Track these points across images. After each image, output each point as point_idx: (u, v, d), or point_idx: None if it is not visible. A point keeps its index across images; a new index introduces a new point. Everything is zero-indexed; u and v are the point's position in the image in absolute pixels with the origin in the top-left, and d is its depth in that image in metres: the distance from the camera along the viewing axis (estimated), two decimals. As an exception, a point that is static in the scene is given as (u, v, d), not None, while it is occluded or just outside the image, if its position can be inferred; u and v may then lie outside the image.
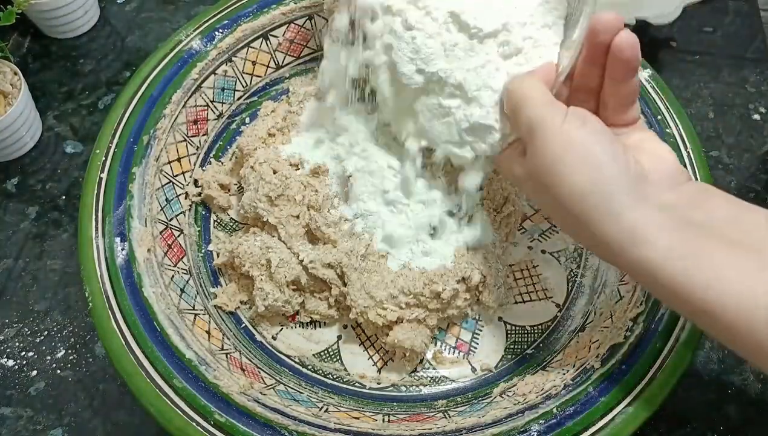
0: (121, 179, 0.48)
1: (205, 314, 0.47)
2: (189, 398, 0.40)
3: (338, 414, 0.43)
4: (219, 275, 0.51)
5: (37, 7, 0.66)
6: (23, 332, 0.53)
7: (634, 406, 0.39)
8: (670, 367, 0.41)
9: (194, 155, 0.55)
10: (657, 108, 0.52)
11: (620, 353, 0.42)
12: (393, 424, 0.42)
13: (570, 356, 0.45)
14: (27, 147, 0.62)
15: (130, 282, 0.44)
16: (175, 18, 0.73)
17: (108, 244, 0.45)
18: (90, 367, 0.51)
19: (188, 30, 0.56)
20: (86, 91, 0.67)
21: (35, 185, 0.61)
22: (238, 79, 0.57)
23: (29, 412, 0.49)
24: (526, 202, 0.55)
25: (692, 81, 0.67)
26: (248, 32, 0.57)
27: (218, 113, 0.57)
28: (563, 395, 0.41)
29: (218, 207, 0.54)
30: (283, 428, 0.39)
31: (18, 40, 0.71)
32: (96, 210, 0.46)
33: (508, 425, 0.40)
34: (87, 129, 0.64)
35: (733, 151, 0.62)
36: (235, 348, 0.46)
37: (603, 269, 0.50)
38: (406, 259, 0.47)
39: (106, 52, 0.70)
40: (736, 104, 0.65)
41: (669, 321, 0.43)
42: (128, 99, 0.52)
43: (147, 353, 0.41)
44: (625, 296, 0.46)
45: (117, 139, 0.49)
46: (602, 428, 0.39)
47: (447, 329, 0.50)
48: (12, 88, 0.60)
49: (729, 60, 0.68)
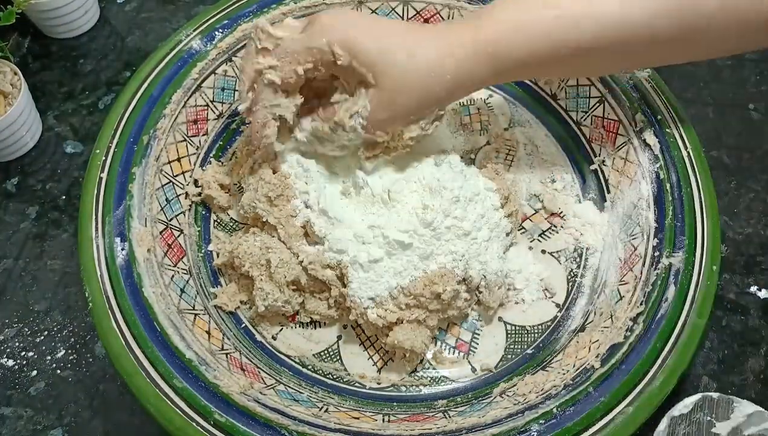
0: (121, 179, 0.48)
1: (205, 314, 0.47)
2: (189, 398, 0.40)
3: (338, 414, 0.43)
4: (219, 275, 0.51)
5: (37, 7, 0.66)
6: (23, 332, 0.53)
7: (634, 406, 0.39)
8: (670, 367, 0.41)
9: (194, 155, 0.55)
10: (657, 108, 0.52)
11: (620, 353, 0.42)
12: (393, 424, 0.42)
13: (570, 356, 0.45)
14: (27, 147, 0.62)
15: (130, 282, 0.44)
16: (175, 18, 0.73)
17: (108, 244, 0.45)
18: (90, 367, 0.51)
19: (188, 30, 0.56)
20: (86, 91, 0.67)
21: (35, 185, 0.61)
22: (238, 78, 0.57)
23: (29, 412, 0.49)
24: (526, 202, 0.55)
25: (692, 81, 0.67)
26: (248, 32, 0.57)
27: (218, 113, 0.57)
28: (563, 395, 0.41)
29: (218, 207, 0.54)
30: (283, 428, 0.39)
31: (18, 40, 0.71)
32: (96, 210, 0.46)
33: (508, 425, 0.40)
34: (87, 129, 0.64)
35: (733, 151, 0.62)
36: (235, 348, 0.46)
37: (603, 269, 0.50)
38: (406, 260, 0.47)
39: (106, 52, 0.70)
40: (736, 104, 0.65)
41: (669, 321, 0.43)
42: (128, 99, 0.52)
43: (147, 353, 0.41)
44: (625, 296, 0.46)
45: (117, 139, 0.50)
46: (602, 428, 0.39)
47: (447, 329, 0.50)
48: (12, 88, 0.60)
49: (729, 60, 0.68)
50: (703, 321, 0.42)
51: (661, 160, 0.50)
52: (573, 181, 0.56)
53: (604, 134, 0.54)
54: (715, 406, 0.43)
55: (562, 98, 0.58)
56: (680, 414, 0.42)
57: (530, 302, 0.50)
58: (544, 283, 0.51)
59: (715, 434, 0.43)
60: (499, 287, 0.49)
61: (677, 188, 0.48)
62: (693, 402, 0.42)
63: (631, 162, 0.52)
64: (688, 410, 0.42)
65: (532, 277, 0.51)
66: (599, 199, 0.54)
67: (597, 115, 0.55)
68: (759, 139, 0.63)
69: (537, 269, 0.51)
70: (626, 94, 0.53)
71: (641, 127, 0.52)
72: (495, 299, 0.48)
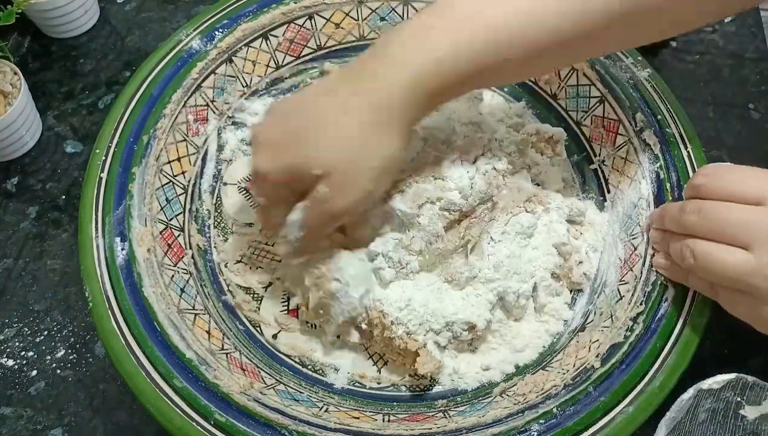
0: (121, 179, 0.48)
1: (205, 313, 0.47)
2: (189, 398, 0.40)
3: (338, 414, 0.43)
4: (219, 274, 0.51)
5: (37, 7, 0.66)
6: (23, 331, 0.53)
7: (634, 406, 0.39)
8: (670, 367, 0.41)
9: (194, 155, 0.54)
10: (657, 108, 0.52)
11: (620, 353, 0.42)
12: (393, 424, 0.42)
13: (570, 356, 0.45)
14: (27, 147, 0.62)
15: (130, 282, 0.44)
16: (175, 18, 0.73)
17: (108, 244, 0.45)
18: (90, 367, 0.51)
19: (188, 30, 0.56)
20: (86, 91, 0.67)
21: (35, 185, 0.61)
22: (239, 78, 0.57)
23: (29, 412, 0.49)
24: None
25: (692, 81, 0.67)
26: (248, 32, 0.57)
27: (218, 113, 0.57)
28: (563, 395, 0.41)
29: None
30: (283, 428, 0.39)
31: (18, 40, 0.71)
32: (96, 210, 0.46)
33: (508, 424, 0.40)
34: (87, 129, 0.64)
35: (733, 151, 0.62)
36: (235, 348, 0.46)
37: (603, 269, 0.50)
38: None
39: (106, 52, 0.70)
40: (736, 104, 0.65)
41: (669, 321, 0.43)
42: (128, 99, 0.52)
43: (147, 353, 0.41)
44: (625, 296, 0.46)
45: (117, 139, 0.49)
46: (602, 428, 0.39)
47: (447, 329, 0.50)
48: (12, 88, 0.60)
49: (729, 60, 0.68)
50: (704, 321, 0.42)
51: (661, 160, 0.50)
52: (573, 181, 0.56)
53: (604, 134, 0.54)
54: (748, 389, 0.41)
55: (562, 98, 0.58)
56: (709, 388, 0.40)
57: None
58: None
59: (742, 415, 0.42)
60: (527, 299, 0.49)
61: (677, 188, 0.48)
62: (726, 380, 0.40)
63: (631, 162, 0.52)
64: (718, 386, 0.40)
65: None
66: (599, 199, 0.54)
67: (597, 115, 0.55)
68: (759, 139, 0.63)
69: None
70: (626, 94, 0.53)
71: (641, 127, 0.52)
72: (519, 314, 0.49)
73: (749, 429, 0.41)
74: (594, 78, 0.55)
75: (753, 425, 0.41)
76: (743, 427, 0.41)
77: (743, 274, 0.37)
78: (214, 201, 0.54)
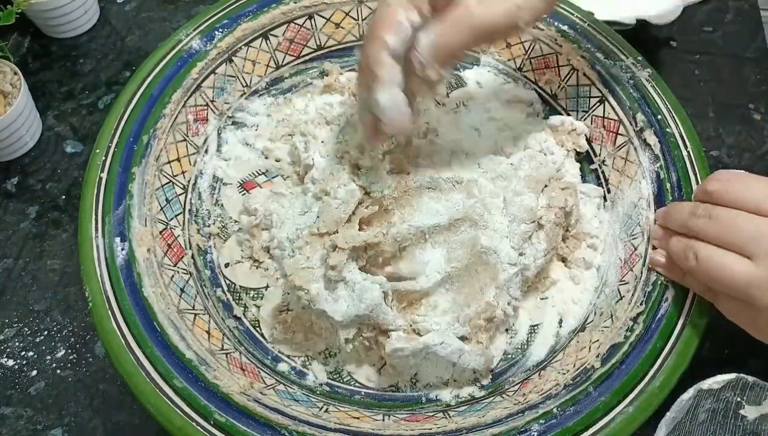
0: (121, 179, 0.48)
1: (205, 314, 0.47)
2: (189, 398, 0.40)
3: (338, 414, 0.43)
4: (219, 275, 0.51)
5: (37, 7, 0.66)
6: (23, 331, 0.53)
7: (634, 406, 0.39)
8: (670, 367, 0.41)
9: (194, 155, 0.54)
10: (657, 108, 0.52)
11: (620, 353, 0.42)
12: (393, 424, 0.42)
13: (570, 356, 0.45)
14: (27, 147, 0.62)
15: (130, 282, 0.44)
16: (175, 18, 0.73)
17: (108, 244, 0.45)
18: (90, 367, 0.51)
19: (188, 30, 0.56)
20: (86, 91, 0.67)
21: (35, 185, 0.61)
22: (238, 78, 0.57)
23: (29, 412, 0.49)
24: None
25: (692, 81, 0.67)
26: (248, 32, 0.57)
27: (218, 113, 0.57)
28: (563, 395, 0.41)
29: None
30: (283, 428, 0.39)
31: (18, 40, 0.71)
32: (96, 210, 0.46)
33: (508, 424, 0.40)
34: (87, 129, 0.64)
35: (733, 151, 0.62)
36: (235, 348, 0.46)
37: (603, 269, 0.50)
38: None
39: (106, 52, 0.70)
40: (736, 104, 0.65)
41: (669, 321, 0.43)
42: (128, 99, 0.52)
43: (147, 353, 0.41)
44: (625, 296, 0.46)
45: (117, 139, 0.49)
46: (602, 428, 0.39)
47: (447, 329, 0.50)
48: (12, 88, 0.60)
49: (729, 60, 0.68)
50: (704, 321, 0.42)
51: (661, 160, 0.50)
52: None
53: (604, 134, 0.54)
54: (748, 389, 0.41)
55: (562, 98, 0.58)
56: (709, 388, 0.40)
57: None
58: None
59: (742, 416, 0.42)
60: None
61: (677, 188, 0.48)
62: (726, 380, 0.40)
63: (631, 162, 0.52)
64: (718, 386, 0.40)
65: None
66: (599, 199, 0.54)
67: (597, 115, 0.55)
68: (759, 139, 0.63)
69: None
70: (626, 94, 0.53)
71: (641, 127, 0.52)
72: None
73: (749, 429, 0.41)
74: (594, 78, 0.55)
75: (753, 425, 0.41)
76: (743, 427, 0.41)
77: (744, 283, 0.37)
78: (214, 201, 0.54)
